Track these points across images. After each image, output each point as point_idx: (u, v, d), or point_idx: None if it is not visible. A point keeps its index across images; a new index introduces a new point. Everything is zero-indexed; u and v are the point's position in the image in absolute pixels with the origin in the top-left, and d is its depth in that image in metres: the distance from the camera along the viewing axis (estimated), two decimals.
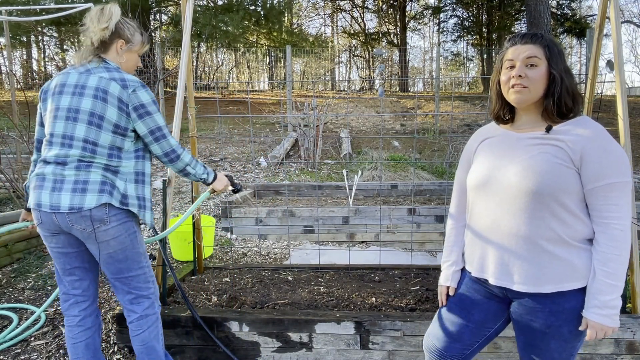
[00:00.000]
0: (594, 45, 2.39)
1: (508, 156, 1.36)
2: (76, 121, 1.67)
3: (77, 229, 1.65)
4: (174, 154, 1.84)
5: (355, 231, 4.54)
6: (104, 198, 1.65)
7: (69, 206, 1.62)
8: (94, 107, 1.67)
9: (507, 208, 1.33)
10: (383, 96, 12.55)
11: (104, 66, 1.74)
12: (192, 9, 2.55)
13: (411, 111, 11.66)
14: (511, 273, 1.35)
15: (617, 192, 1.24)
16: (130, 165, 1.77)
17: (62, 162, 1.66)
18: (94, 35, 1.72)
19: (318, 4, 24.55)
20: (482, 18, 21.01)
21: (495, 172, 1.37)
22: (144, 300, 1.87)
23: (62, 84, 1.71)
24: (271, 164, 7.24)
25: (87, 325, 1.87)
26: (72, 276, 1.82)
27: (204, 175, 2.00)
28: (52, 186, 1.65)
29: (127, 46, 1.81)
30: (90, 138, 1.67)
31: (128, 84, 1.72)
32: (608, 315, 1.24)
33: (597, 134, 1.26)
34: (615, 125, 2.27)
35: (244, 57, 19.66)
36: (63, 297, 1.86)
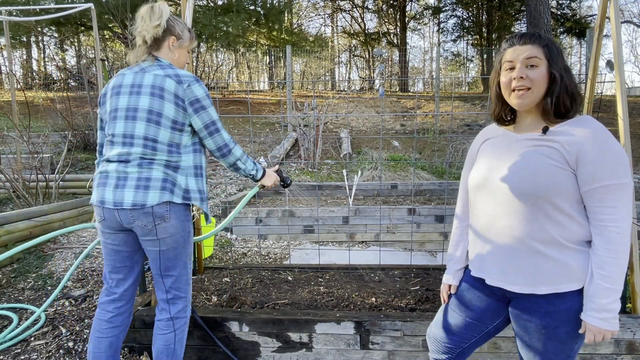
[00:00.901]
0: (594, 45, 2.39)
1: (505, 157, 1.36)
2: (135, 120, 1.70)
3: (139, 224, 1.69)
4: (227, 148, 1.86)
5: (355, 231, 4.53)
6: (165, 196, 1.69)
7: (132, 202, 1.66)
8: (151, 104, 1.70)
9: (503, 209, 1.34)
10: (383, 96, 12.55)
11: (158, 64, 1.77)
12: (192, 9, 2.55)
13: (411, 111, 11.66)
14: (507, 273, 1.36)
15: (614, 195, 1.22)
16: (190, 159, 1.80)
17: (125, 160, 1.70)
18: (147, 34, 1.75)
19: (318, 4, 24.56)
20: (482, 18, 21.01)
21: (492, 173, 1.38)
22: (180, 302, 1.88)
23: (118, 85, 1.75)
24: (271, 164, 7.24)
25: (116, 323, 1.88)
26: (118, 274, 1.85)
27: (253, 171, 2.02)
28: (115, 183, 1.68)
29: (179, 42, 1.85)
30: (150, 135, 1.70)
31: (183, 79, 1.74)
32: (606, 319, 1.22)
33: (594, 134, 1.23)
34: (615, 125, 2.27)
35: (244, 57, 19.67)
36: (104, 292, 1.89)
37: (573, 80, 1.31)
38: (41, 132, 6.75)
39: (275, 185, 2.18)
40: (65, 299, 2.96)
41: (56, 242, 3.99)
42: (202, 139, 1.83)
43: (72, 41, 17.96)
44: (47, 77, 17.00)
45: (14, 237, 3.59)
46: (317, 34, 23.92)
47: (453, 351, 1.57)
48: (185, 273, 1.87)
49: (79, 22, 13.89)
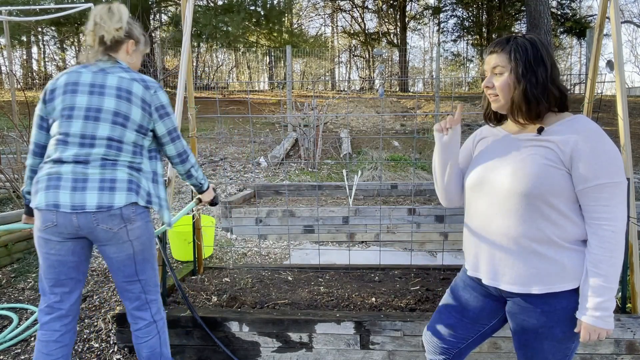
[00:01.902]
0: (594, 45, 2.39)
1: (501, 157, 1.38)
2: (98, 121, 1.64)
3: (102, 228, 1.61)
4: (185, 155, 1.88)
5: (355, 231, 4.54)
6: (132, 197, 1.64)
7: (96, 205, 1.58)
8: (118, 106, 1.66)
9: (498, 209, 1.35)
10: (383, 96, 12.56)
11: (119, 66, 1.73)
12: (192, 9, 2.55)
13: (411, 111, 11.67)
14: (502, 273, 1.37)
15: (608, 193, 1.23)
16: (148, 164, 1.78)
17: (84, 161, 1.62)
18: (107, 34, 1.70)
19: (318, 4, 24.56)
20: (482, 18, 21.02)
21: (488, 173, 1.39)
22: (153, 305, 1.82)
23: (74, 83, 1.68)
24: (271, 164, 7.24)
25: (65, 341, 1.76)
26: (63, 287, 1.72)
27: (202, 180, 2.02)
28: (72, 185, 1.59)
29: (137, 47, 1.82)
30: (115, 136, 1.66)
31: (149, 84, 1.73)
32: (601, 318, 1.23)
33: (588, 134, 1.24)
34: (615, 125, 2.27)
35: (244, 57, 19.67)
36: (46, 310, 1.74)
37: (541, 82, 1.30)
38: None
39: (209, 202, 2.16)
40: None
41: None
42: (164, 144, 1.82)
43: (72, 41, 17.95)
44: (47, 77, 16.99)
45: (14, 237, 3.59)
46: (317, 34, 23.94)
47: (450, 352, 1.58)
48: (154, 275, 1.82)
49: (79, 22, 13.89)
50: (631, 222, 2.19)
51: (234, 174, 6.80)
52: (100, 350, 2.40)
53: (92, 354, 2.38)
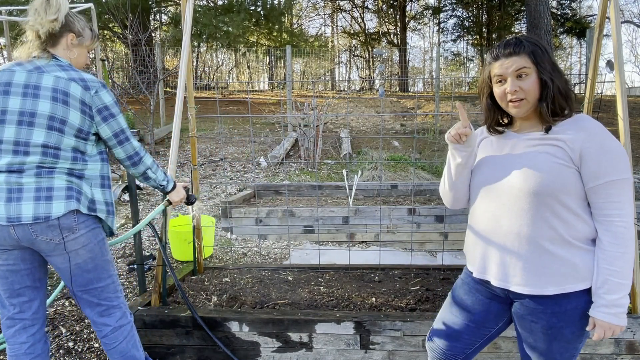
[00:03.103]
0: (594, 45, 2.39)
1: (509, 157, 1.37)
2: (32, 126, 1.51)
3: (42, 239, 1.51)
4: (137, 157, 1.75)
5: (355, 231, 4.54)
6: (72, 204, 1.53)
7: (32, 216, 1.48)
8: (53, 110, 1.53)
9: (508, 209, 1.34)
10: (383, 96, 12.56)
11: (57, 63, 1.59)
12: (192, 9, 2.55)
13: (411, 111, 11.66)
14: (513, 274, 1.35)
15: (618, 190, 1.24)
16: (97, 168, 1.67)
17: (18, 170, 1.50)
18: (42, 28, 1.56)
19: (318, 4, 24.55)
20: (482, 18, 21.00)
21: (497, 173, 1.38)
22: (115, 310, 1.75)
23: (6, 83, 1.53)
24: (271, 164, 7.24)
25: (36, 352, 1.68)
26: (20, 297, 1.63)
27: (163, 182, 1.90)
28: (6, 196, 1.48)
29: (78, 40, 1.67)
30: (51, 143, 1.53)
31: (89, 84, 1.59)
32: (616, 314, 1.24)
33: (596, 132, 1.26)
34: (615, 125, 2.27)
35: (244, 57, 19.67)
36: (7, 323, 1.65)
37: (563, 78, 1.32)
38: None
39: (181, 202, 2.05)
40: (65, 299, 2.96)
41: None
42: (111, 147, 1.69)
43: None
44: None
45: None
46: (317, 34, 23.93)
47: (456, 358, 1.55)
48: (112, 281, 1.72)
49: None
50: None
51: (234, 174, 6.80)
52: (100, 350, 2.40)
53: (92, 354, 2.38)
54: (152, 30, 13.89)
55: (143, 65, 9.34)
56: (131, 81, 11.21)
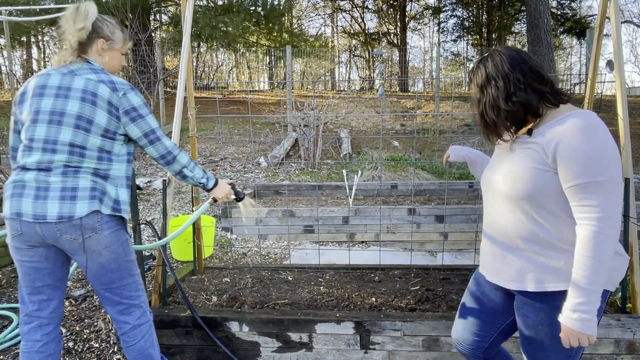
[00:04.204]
0: (594, 45, 2.39)
1: (502, 161, 1.42)
2: (60, 125, 1.57)
3: (66, 239, 1.55)
4: (170, 156, 1.79)
5: (355, 231, 4.54)
6: (94, 205, 1.57)
7: (57, 215, 1.52)
8: (81, 110, 1.59)
9: (499, 209, 1.40)
10: (383, 96, 12.55)
11: (89, 67, 1.66)
12: (192, 9, 2.55)
13: (411, 111, 11.66)
14: (502, 271, 1.42)
15: (590, 193, 1.18)
16: (122, 169, 1.70)
17: (46, 169, 1.56)
18: (72, 37, 1.63)
19: (318, 4, 24.55)
20: (482, 18, 21.00)
21: (489, 175, 1.46)
22: (136, 309, 1.78)
23: (42, 86, 1.61)
24: (271, 164, 7.24)
25: (49, 351, 1.70)
26: (39, 295, 1.67)
27: (202, 179, 1.92)
28: (35, 194, 1.53)
29: (108, 44, 1.72)
30: (78, 142, 1.58)
31: (117, 86, 1.65)
32: (580, 320, 1.19)
33: (570, 134, 1.21)
34: (615, 125, 2.27)
35: (244, 57, 19.67)
36: (25, 319, 1.69)
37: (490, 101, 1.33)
38: None
39: (228, 198, 2.05)
40: (65, 299, 2.96)
41: None
42: (143, 147, 1.73)
43: None
44: None
45: None
46: (317, 34, 23.93)
47: (477, 352, 1.60)
48: (133, 280, 1.75)
49: None
50: (631, 222, 2.19)
51: (234, 174, 6.80)
52: (100, 350, 2.40)
53: (92, 354, 2.38)
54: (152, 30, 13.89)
55: (143, 65, 9.33)
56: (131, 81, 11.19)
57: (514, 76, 1.29)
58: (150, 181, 5.96)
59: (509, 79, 1.30)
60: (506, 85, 1.30)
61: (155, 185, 5.79)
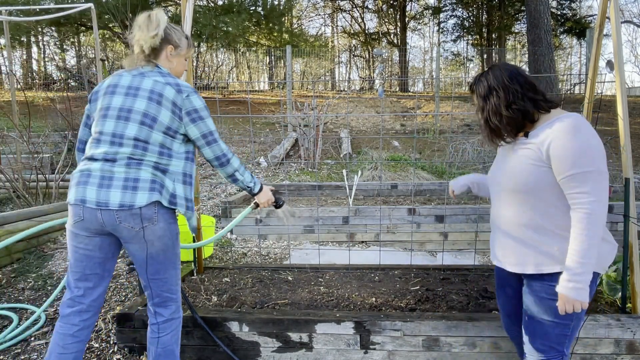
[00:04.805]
0: (594, 45, 2.39)
1: (504, 159, 1.62)
2: (128, 120, 1.69)
3: (125, 226, 1.64)
4: (225, 158, 1.86)
5: (355, 231, 4.54)
6: (154, 196, 1.65)
7: (119, 203, 1.61)
8: (147, 108, 1.70)
9: (502, 202, 1.60)
10: (383, 96, 12.56)
11: (158, 71, 1.78)
12: (192, 9, 2.55)
13: (411, 111, 11.66)
14: (505, 255, 1.61)
15: (580, 182, 1.37)
16: (180, 165, 1.78)
17: (112, 159, 1.66)
18: (145, 43, 1.75)
19: (318, 4, 24.54)
20: (482, 18, 21.00)
21: (494, 172, 1.67)
22: (172, 303, 1.85)
23: (114, 85, 1.75)
24: (271, 164, 7.24)
25: (82, 337, 1.77)
26: (87, 282, 1.75)
27: (251, 183, 1.98)
28: (99, 182, 1.63)
29: (176, 51, 1.85)
30: (142, 137, 1.69)
31: (182, 89, 1.75)
32: (574, 288, 1.37)
33: (560, 133, 1.41)
34: (615, 125, 2.27)
35: (244, 57, 19.67)
36: (68, 303, 1.76)
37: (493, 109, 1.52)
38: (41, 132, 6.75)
39: (269, 205, 2.11)
40: None
41: (56, 242, 3.99)
42: (200, 147, 1.82)
43: (72, 41, 17.94)
44: (47, 77, 16.99)
45: None
46: (317, 34, 23.93)
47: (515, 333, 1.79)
48: (175, 274, 1.83)
49: (79, 22, 13.88)
50: (631, 222, 2.20)
51: None
52: (100, 350, 2.40)
53: (92, 354, 2.38)
54: None
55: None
56: None
57: (513, 87, 1.50)
58: None
59: (509, 89, 1.50)
60: (506, 95, 1.50)
61: None
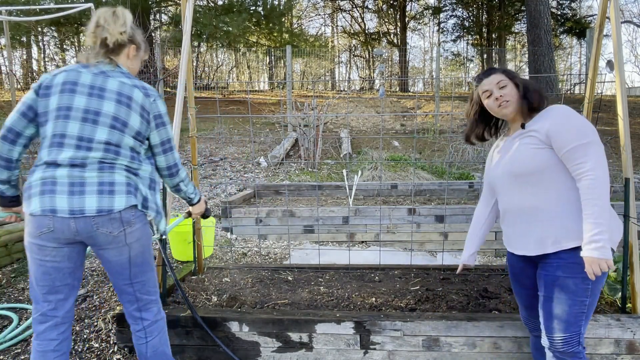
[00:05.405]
0: (594, 45, 2.39)
1: (506, 153, 1.75)
2: (96, 124, 1.61)
3: (102, 232, 1.58)
4: (175, 168, 1.84)
5: (355, 231, 4.54)
6: (132, 200, 1.62)
7: (97, 208, 1.55)
8: (117, 111, 1.64)
9: (510, 192, 1.71)
10: (383, 96, 12.55)
11: (120, 71, 1.71)
12: (192, 9, 2.55)
13: (411, 111, 11.66)
14: (525, 241, 1.69)
15: (581, 152, 1.53)
16: (148, 170, 1.75)
17: (81, 165, 1.58)
18: (111, 37, 1.67)
19: (318, 4, 24.54)
20: (482, 18, 21.00)
21: (501, 167, 1.76)
22: (154, 305, 1.82)
23: (72, 82, 1.63)
24: (271, 164, 7.24)
25: (63, 349, 1.72)
26: (58, 294, 1.67)
27: (192, 194, 1.98)
28: (69, 190, 1.55)
29: (138, 52, 1.80)
30: (113, 141, 1.63)
31: (149, 92, 1.72)
32: (596, 249, 1.47)
33: (555, 115, 1.61)
34: (615, 125, 2.27)
35: (244, 57, 19.66)
36: (40, 319, 1.68)
37: (533, 83, 1.74)
38: None
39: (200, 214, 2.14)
40: None
41: None
42: (155, 155, 1.79)
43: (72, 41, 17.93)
44: None
45: (14, 237, 3.59)
46: (317, 34, 23.92)
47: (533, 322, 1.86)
48: (153, 276, 1.80)
49: (79, 22, 13.88)
50: (631, 222, 2.19)
51: (234, 174, 6.80)
52: (100, 350, 2.40)
53: (92, 354, 2.38)
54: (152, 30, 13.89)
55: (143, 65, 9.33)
56: None
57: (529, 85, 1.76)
58: None
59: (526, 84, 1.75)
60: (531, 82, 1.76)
61: None
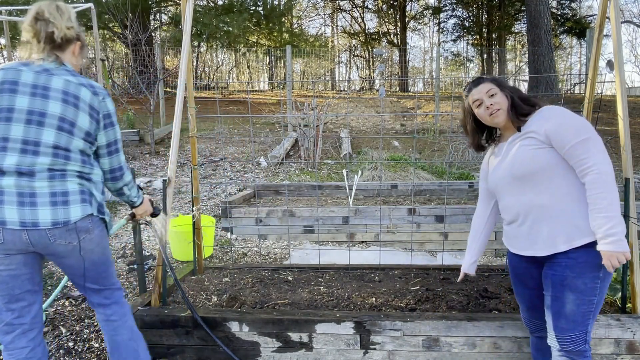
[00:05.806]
0: (594, 45, 2.39)
1: (504, 158, 1.77)
2: (42, 126, 1.50)
3: (60, 243, 1.53)
4: (120, 172, 1.76)
5: (355, 231, 4.53)
6: (88, 209, 1.58)
7: (51, 221, 1.48)
8: (64, 112, 1.54)
9: (513, 194, 1.71)
10: (384, 96, 12.55)
11: (64, 68, 1.60)
12: (192, 9, 2.55)
13: (411, 111, 11.66)
14: (534, 242, 1.68)
15: (582, 148, 1.53)
16: (99, 174, 1.69)
17: (29, 173, 1.48)
18: (58, 32, 1.57)
19: (318, 4, 24.54)
20: (482, 18, 20.99)
21: (500, 172, 1.76)
22: (117, 291, 1.84)
23: (12, 82, 1.50)
24: (271, 164, 7.24)
25: (37, 356, 1.65)
26: (20, 302, 1.60)
27: (135, 197, 1.90)
28: (18, 200, 1.46)
29: (82, 50, 1.71)
30: (62, 144, 1.53)
31: (97, 90, 1.63)
32: (611, 242, 1.47)
33: (551, 115, 1.63)
34: (615, 125, 2.27)
35: (244, 57, 19.66)
36: (5, 329, 1.60)
37: (520, 92, 1.78)
38: None
39: (147, 214, 2.04)
40: (65, 299, 2.96)
41: None
42: (100, 156, 1.69)
43: None
44: None
45: None
46: (317, 34, 23.92)
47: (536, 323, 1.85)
48: (112, 267, 1.81)
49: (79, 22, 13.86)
50: (631, 222, 2.19)
51: (234, 174, 6.80)
52: (100, 350, 2.40)
53: (92, 354, 2.38)
54: (152, 30, 13.89)
55: (143, 65, 9.33)
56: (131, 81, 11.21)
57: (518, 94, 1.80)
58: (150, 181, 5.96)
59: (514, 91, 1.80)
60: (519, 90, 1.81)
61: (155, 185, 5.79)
